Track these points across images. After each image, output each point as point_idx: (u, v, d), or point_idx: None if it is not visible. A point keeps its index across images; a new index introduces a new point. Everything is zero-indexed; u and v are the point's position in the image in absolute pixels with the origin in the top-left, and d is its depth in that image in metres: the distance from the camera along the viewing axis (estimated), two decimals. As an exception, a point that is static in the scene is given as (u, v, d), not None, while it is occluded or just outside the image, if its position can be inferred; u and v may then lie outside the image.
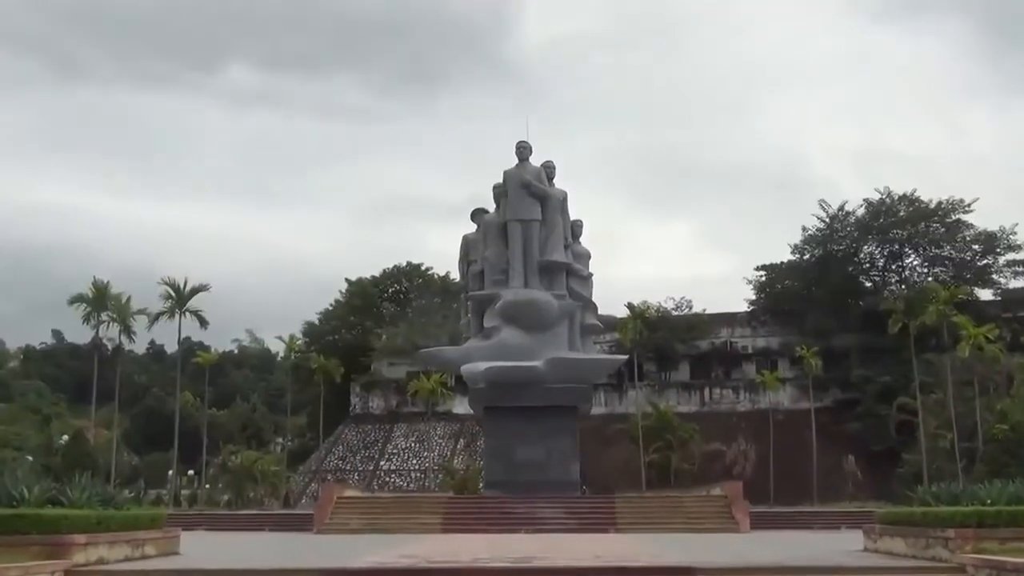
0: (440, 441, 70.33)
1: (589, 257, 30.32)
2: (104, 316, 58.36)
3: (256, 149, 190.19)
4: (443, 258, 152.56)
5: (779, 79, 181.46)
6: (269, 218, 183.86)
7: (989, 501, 16.99)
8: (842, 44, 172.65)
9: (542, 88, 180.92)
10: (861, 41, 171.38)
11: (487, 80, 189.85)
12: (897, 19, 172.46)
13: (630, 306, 66.62)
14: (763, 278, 78.92)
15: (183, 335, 66.49)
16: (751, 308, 78.67)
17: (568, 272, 29.44)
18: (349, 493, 37.01)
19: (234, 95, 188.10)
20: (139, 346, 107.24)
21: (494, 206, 31.57)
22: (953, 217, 72.50)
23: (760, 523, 33.52)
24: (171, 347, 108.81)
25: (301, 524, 35.48)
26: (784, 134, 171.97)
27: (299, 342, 74.60)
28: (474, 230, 31.63)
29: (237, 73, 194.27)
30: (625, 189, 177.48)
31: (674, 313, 76.24)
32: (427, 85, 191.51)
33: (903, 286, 71.87)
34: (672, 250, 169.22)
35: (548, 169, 29.96)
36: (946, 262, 73.45)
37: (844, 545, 20.89)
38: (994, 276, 72.67)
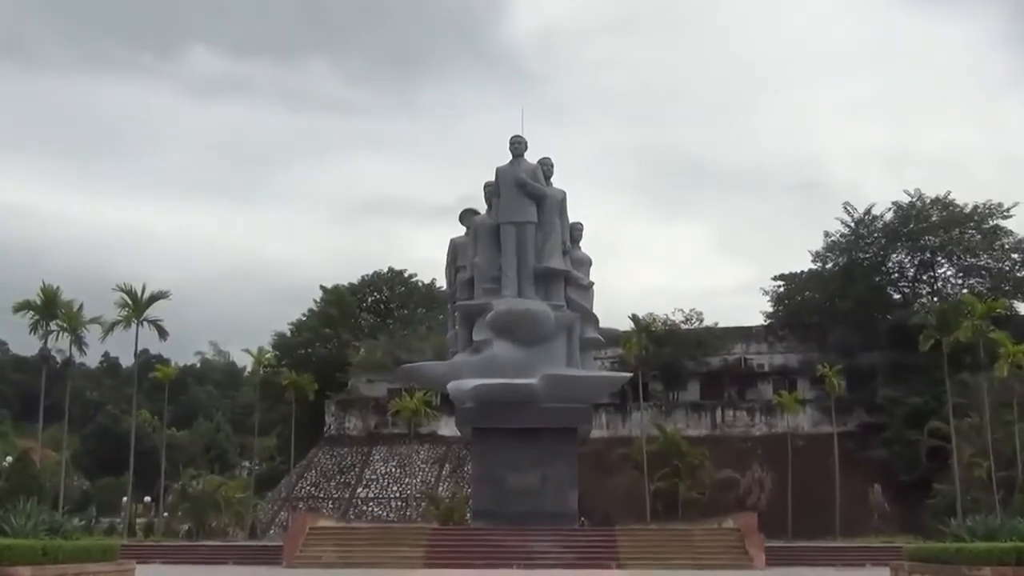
0: (423, 466, 70.24)
1: (590, 264, 30.17)
2: (53, 325, 58.08)
3: (221, 143, 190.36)
4: (428, 264, 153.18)
5: (799, 70, 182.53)
6: (235, 219, 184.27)
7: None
8: (867, 33, 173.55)
9: (538, 78, 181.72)
10: (888, 29, 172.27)
11: (477, 68, 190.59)
12: (928, 3, 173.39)
13: (634, 318, 66.76)
14: (781, 289, 79.03)
15: (140, 347, 66.36)
16: (768, 322, 78.78)
17: (566, 280, 29.26)
18: (322, 523, 36.92)
19: (197, 83, 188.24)
20: (91, 359, 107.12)
21: (485, 207, 31.46)
22: (990, 223, 72.76)
23: (777, 559, 33.53)
24: (127, 360, 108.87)
25: (269, 557, 35.39)
26: (804, 130, 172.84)
27: (268, 355, 74.43)
28: (463, 233, 31.50)
29: (200, 58, 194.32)
30: (629, 190, 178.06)
31: (683, 327, 76.29)
32: (410, 73, 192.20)
33: (935, 298, 72.06)
34: (681, 257, 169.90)
35: (545, 167, 29.80)
36: (982, 272, 73.69)
37: (869, 584, 20.84)
38: (1035, 288, 72.92)
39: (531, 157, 29.45)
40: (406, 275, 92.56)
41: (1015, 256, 73.18)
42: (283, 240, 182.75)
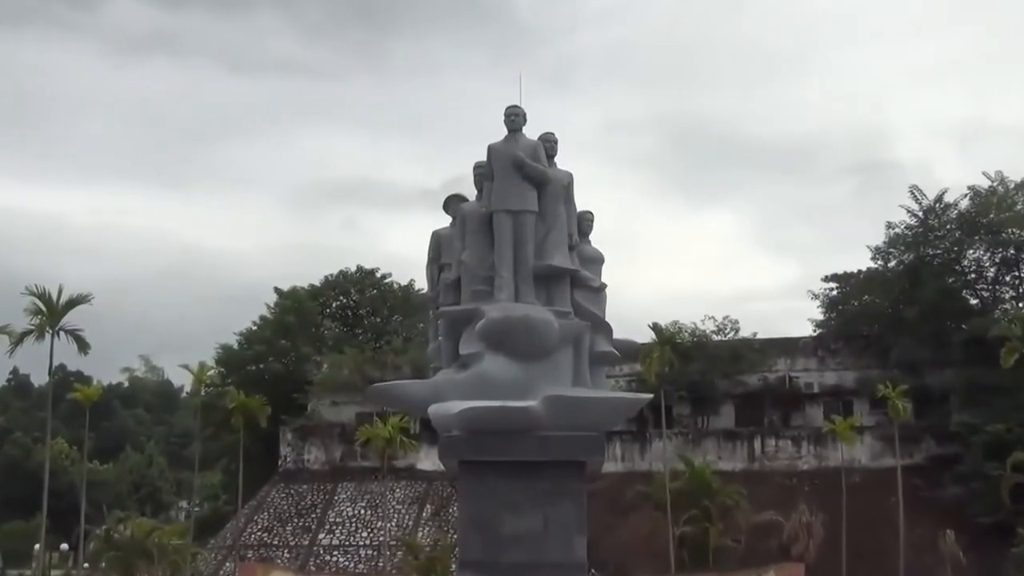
0: (399, 507, 70.31)
1: (602, 262, 30.13)
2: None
3: (149, 113, 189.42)
4: (406, 262, 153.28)
5: (854, 29, 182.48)
6: (169, 206, 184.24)
7: None
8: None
9: (538, 36, 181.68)
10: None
11: (461, 22, 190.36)
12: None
13: (656, 328, 66.83)
14: (834, 292, 79.04)
15: (55, 362, 66.15)
16: (817, 332, 78.79)
17: (573, 281, 29.22)
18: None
19: (119, 39, 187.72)
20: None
21: (475, 192, 31.62)
22: (1088, 212, 72.90)
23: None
24: (39, 378, 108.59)
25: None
26: (861, 101, 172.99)
27: (211, 372, 74.47)
28: (448, 224, 31.67)
29: (123, 9, 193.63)
30: (648, 171, 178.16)
31: (715, 338, 76.37)
32: (380, 28, 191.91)
33: (1021, 304, 72.11)
34: (711, 253, 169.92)
35: (547, 143, 29.78)
36: (1079, 273, 73.94)
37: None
38: None
39: (531, 132, 29.69)
40: (378, 275, 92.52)
41: (1119, 254, 73.30)
42: (228, 232, 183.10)
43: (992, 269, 76.19)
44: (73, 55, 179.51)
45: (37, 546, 64.23)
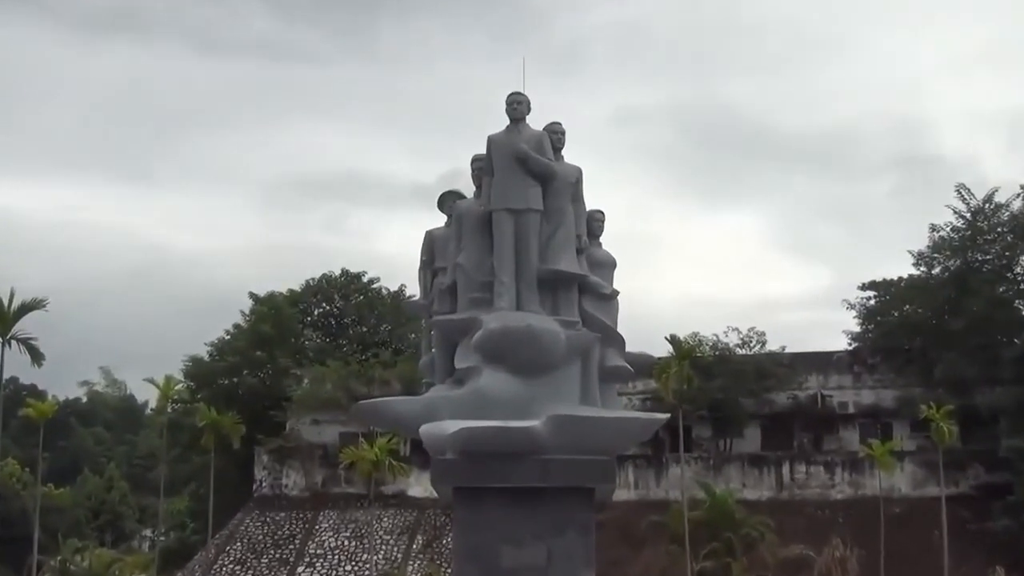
0: (387, 538, 70.36)
1: (613, 266, 30.12)
2: None
3: (116, 99, 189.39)
4: (395, 265, 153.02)
5: (892, 8, 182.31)
6: (134, 203, 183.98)
7: None
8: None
9: (542, 17, 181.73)
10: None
11: (458, 1, 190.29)
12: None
13: (674, 340, 66.88)
14: (871, 301, 79.03)
15: (6, 374, 66.16)
16: (853, 346, 78.77)
17: (582, 288, 29.21)
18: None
19: (80, 17, 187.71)
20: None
21: (473, 188, 31.73)
22: None
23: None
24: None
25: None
26: (900, 88, 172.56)
27: (179, 387, 74.49)
28: (443, 224, 31.80)
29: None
30: (665, 165, 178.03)
31: (739, 352, 76.43)
32: (368, 7, 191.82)
33: (1079, 316, 72.17)
34: (734, 257, 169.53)
35: (554, 135, 29.83)
36: None
37: None
38: None
39: (535, 122, 29.65)
40: (365, 280, 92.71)
41: None
42: (199, 231, 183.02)
43: (1048, 277, 76.09)
44: (29, 33, 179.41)
45: (-16, 579, 64.19)
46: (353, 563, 69.42)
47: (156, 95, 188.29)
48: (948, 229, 75.55)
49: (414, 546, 69.49)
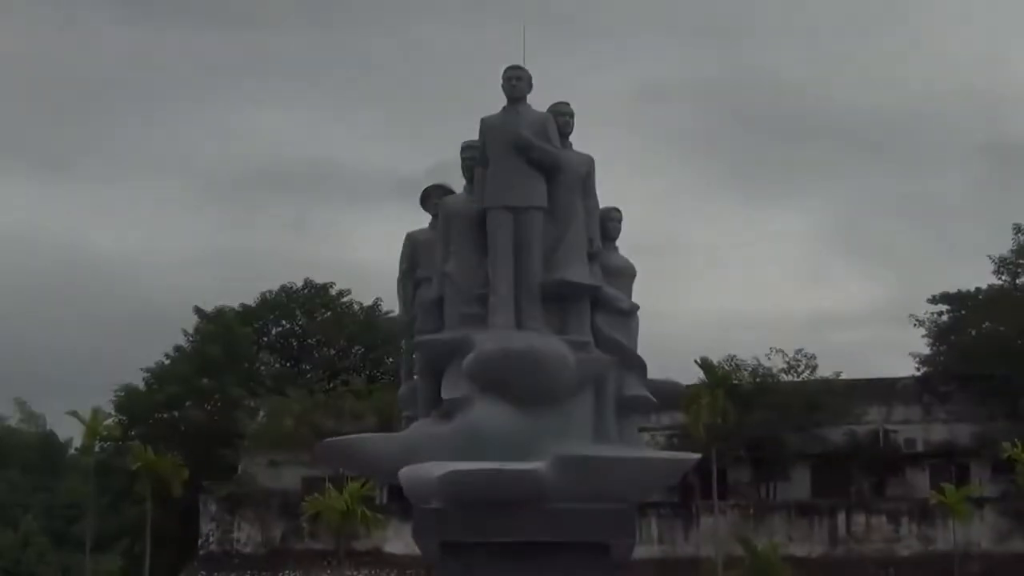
0: (362, 602, 67.37)
1: (632, 275, 27.78)
2: None
3: (24, 70, 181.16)
4: (370, 274, 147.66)
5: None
6: (53, 199, 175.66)
7: None
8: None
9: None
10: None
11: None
12: None
13: (705, 364, 64.57)
14: (944, 317, 76.18)
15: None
16: (922, 371, 75.37)
17: (594, 301, 26.96)
18: None
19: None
20: None
21: (463, 182, 29.41)
22: None
23: None
24: None
25: None
26: (980, 59, 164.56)
27: (108, 422, 71.85)
28: (427, 225, 29.44)
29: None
30: (694, 153, 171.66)
31: (784, 378, 73.16)
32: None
33: None
34: (778, 264, 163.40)
35: (562, 118, 27.67)
36: None
37: None
38: None
39: (538, 102, 27.23)
40: (333, 292, 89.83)
41: None
42: (132, 234, 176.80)
43: None
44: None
45: None
46: (321, 631, 66.40)
47: (82, 69, 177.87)
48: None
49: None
